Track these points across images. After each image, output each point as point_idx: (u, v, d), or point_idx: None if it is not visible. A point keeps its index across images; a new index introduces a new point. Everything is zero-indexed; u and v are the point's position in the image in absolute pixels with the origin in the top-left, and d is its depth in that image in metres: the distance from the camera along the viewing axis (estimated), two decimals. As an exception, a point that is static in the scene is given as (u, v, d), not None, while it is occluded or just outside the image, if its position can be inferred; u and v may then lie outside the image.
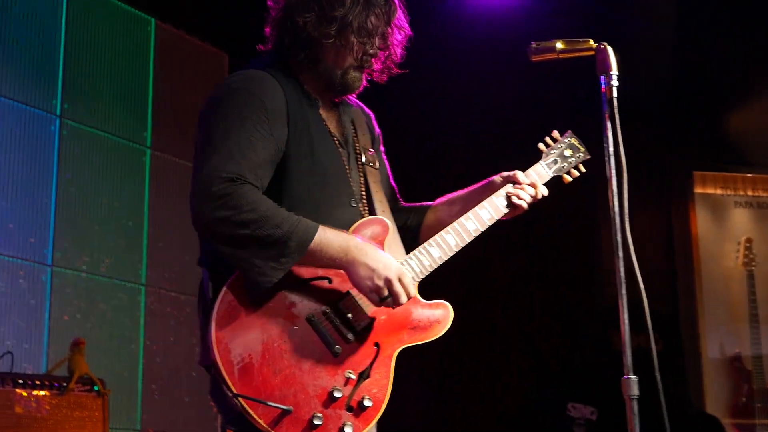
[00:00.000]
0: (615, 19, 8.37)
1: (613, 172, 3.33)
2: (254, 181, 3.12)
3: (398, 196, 3.88)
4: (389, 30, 3.50)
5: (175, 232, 8.33)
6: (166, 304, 8.19)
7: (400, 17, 3.55)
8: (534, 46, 3.67)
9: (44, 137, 7.50)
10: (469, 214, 3.56)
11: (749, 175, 9.61)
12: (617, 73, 3.44)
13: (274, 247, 3.04)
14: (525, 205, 3.64)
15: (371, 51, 3.46)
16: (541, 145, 3.86)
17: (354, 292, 3.25)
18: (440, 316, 3.39)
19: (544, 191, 3.73)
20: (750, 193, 9.55)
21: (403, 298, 3.20)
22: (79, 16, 7.89)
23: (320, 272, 3.23)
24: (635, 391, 3.15)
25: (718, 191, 9.52)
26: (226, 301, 3.10)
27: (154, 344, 8.03)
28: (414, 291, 3.26)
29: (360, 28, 3.39)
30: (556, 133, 3.90)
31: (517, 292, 9.16)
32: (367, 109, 3.83)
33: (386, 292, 3.16)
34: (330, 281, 3.25)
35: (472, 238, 3.54)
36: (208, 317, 3.11)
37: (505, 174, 3.71)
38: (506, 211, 3.63)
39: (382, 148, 3.82)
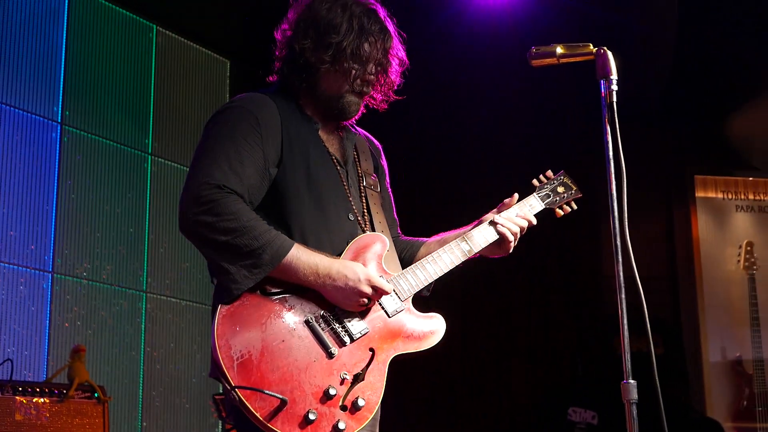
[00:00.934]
0: (616, 22, 8.37)
1: (613, 176, 3.33)
2: (240, 191, 3.28)
3: (398, 229, 4.00)
4: (385, 57, 3.62)
5: (176, 239, 8.34)
6: (166, 311, 8.20)
7: (396, 46, 3.67)
8: (534, 50, 3.68)
9: (45, 144, 7.51)
10: (465, 236, 3.71)
11: (750, 179, 9.61)
12: (617, 78, 3.43)
13: (248, 257, 3.20)
14: (509, 235, 3.75)
15: (367, 77, 3.59)
16: (534, 181, 4.01)
17: None
18: (434, 327, 3.49)
19: (531, 218, 3.86)
20: (751, 197, 9.55)
21: (380, 294, 3.38)
22: (81, 23, 7.90)
23: None
24: (634, 395, 3.15)
25: (719, 195, 9.52)
26: (231, 300, 3.25)
27: (154, 351, 8.03)
28: (389, 287, 3.39)
29: (354, 54, 3.53)
30: (549, 173, 4.05)
31: (519, 298, 9.15)
32: (375, 141, 3.96)
33: (365, 300, 3.33)
34: None
35: (466, 258, 3.68)
36: (213, 317, 3.25)
37: (495, 210, 3.86)
38: (497, 237, 3.74)
39: (387, 180, 3.93)
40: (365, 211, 3.66)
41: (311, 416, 3.12)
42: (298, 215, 3.41)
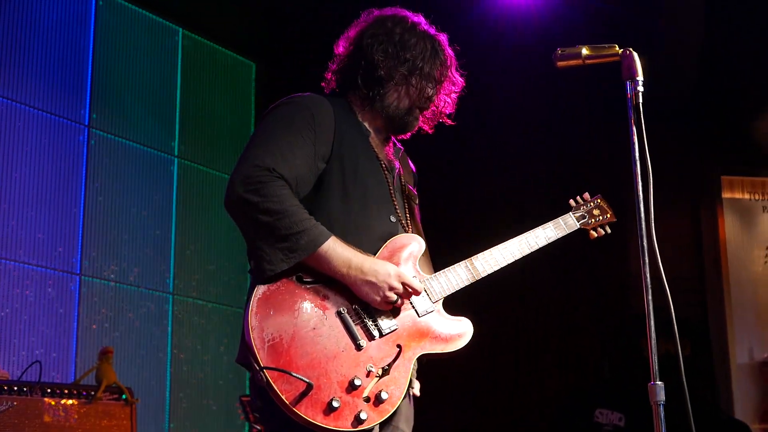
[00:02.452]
0: (642, 23, 8.35)
1: (639, 177, 3.33)
2: (288, 178, 3.35)
3: None
4: (450, 83, 3.80)
5: (203, 241, 8.38)
6: (193, 313, 8.23)
7: (457, 74, 3.83)
8: (559, 52, 3.66)
9: (72, 147, 7.56)
10: (500, 246, 3.80)
11: (778, 179, 9.56)
12: (643, 79, 3.43)
13: (286, 240, 3.28)
14: None
15: (432, 96, 3.76)
16: (571, 201, 4.11)
17: None
18: (461, 330, 3.56)
19: None
20: (779, 197, 9.50)
21: (409, 293, 3.45)
22: (107, 27, 7.94)
23: None
24: (662, 397, 3.14)
25: (746, 196, 9.47)
26: (268, 286, 3.32)
27: (181, 352, 8.06)
28: (420, 286, 3.47)
29: (429, 73, 3.70)
30: (587, 195, 4.15)
31: (547, 298, 9.13)
32: (412, 163, 4.04)
33: (394, 297, 3.40)
34: None
35: (499, 267, 3.76)
36: (249, 300, 3.31)
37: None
38: (528, 252, 3.85)
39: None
40: (407, 215, 3.76)
41: (335, 404, 3.18)
42: (339, 210, 3.49)
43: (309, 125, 3.48)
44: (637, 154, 3.36)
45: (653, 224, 3.28)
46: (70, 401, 5.88)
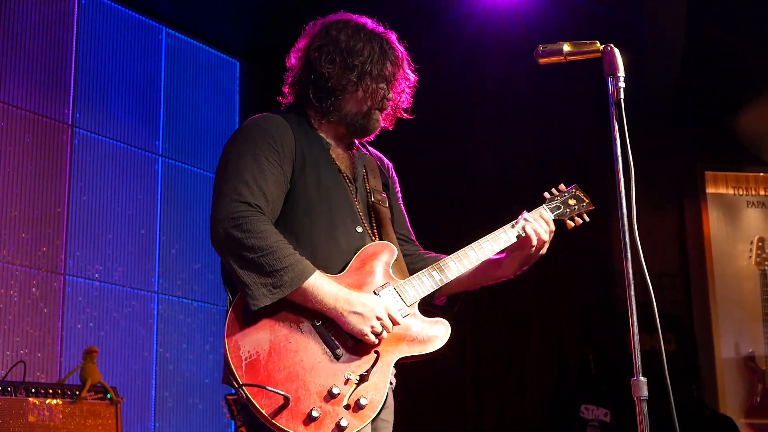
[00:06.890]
0: (625, 21, 8.37)
1: (621, 173, 3.33)
2: (266, 209, 3.42)
3: (416, 242, 4.07)
4: (402, 78, 3.79)
5: (188, 239, 8.37)
6: (178, 312, 8.22)
7: (408, 69, 3.82)
8: (541, 49, 3.67)
9: (56, 146, 7.54)
10: (474, 245, 3.76)
11: (761, 174, 9.60)
12: (624, 75, 3.43)
13: (270, 276, 3.32)
14: (533, 237, 3.76)
15: (388, 95, 3.75)
16: (546, 194, 4.00)
17: None
18: (438, 332, 3.56)
19: (551, 226, 3.86)
20: (762, 192, 9.54)
21: (392, 327, 3.44)
22: (91, 25, 7.93)
23: None
24: (645, 392, 3.15)
25: (731, 191, 9.51)
26: (242, 304, 3.35)
27: (166, 351, 8.05)
28: (400, 318, 3.47)
29: (379, 75, 3.68)
30: (562, 186, 4.05)
31: (531, 295, 9.14)
32: (386, 160, 4.06)
33: (380, 329, 3.39)
34: None
35: (472, 266, 3.73)
36: (226, 320, 3.36)
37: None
38: (514, 240, 3.78)
39: (399, 196, 4.03)
40: (374, 224, 3.74)
41: (315, 414, 3.23)
42: (308, 227, 3.52)
43: (272, 148, 3.50)
44: (619, 150, 3.36)
45: (635, 220, 3.29)
46: (54, 401, 5.87)
